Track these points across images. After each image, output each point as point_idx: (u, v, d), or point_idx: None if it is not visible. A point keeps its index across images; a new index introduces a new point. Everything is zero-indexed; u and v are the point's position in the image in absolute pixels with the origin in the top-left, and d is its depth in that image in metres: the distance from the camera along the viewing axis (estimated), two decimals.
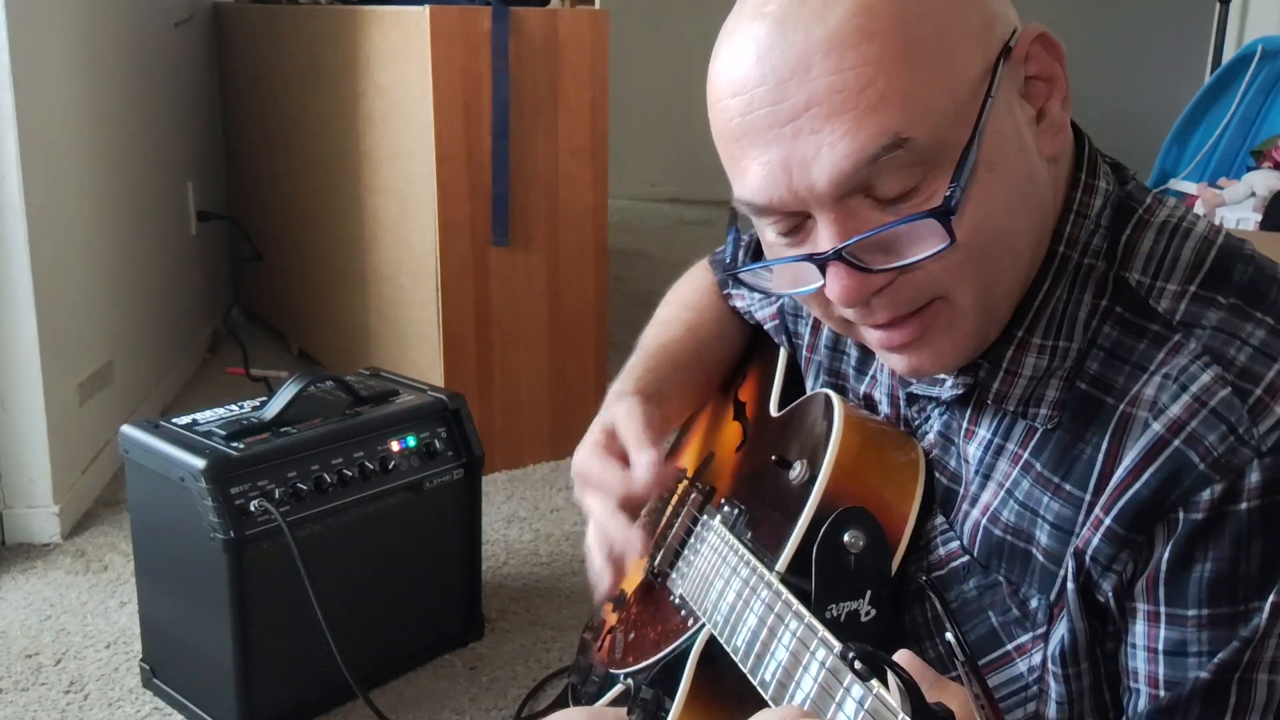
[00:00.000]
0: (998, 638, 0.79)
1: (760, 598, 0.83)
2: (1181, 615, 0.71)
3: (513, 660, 1.87)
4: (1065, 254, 0.78)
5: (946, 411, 0.86)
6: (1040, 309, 0.78)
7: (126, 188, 2.78)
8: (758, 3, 0.72)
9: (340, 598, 1.69)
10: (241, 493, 1.56)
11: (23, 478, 2.24)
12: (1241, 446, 0.68)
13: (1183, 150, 3.22)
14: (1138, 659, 0.73)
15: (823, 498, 0.82)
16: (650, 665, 0.96)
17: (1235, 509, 0.68)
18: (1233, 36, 3.53)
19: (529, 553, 2.24)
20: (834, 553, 0.80)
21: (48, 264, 2.23)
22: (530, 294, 2.60)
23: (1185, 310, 0.74)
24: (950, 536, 0.83)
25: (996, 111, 0.71)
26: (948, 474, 0.85)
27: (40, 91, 2.23)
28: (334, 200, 2.99)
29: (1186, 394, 0.70)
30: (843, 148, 0.69)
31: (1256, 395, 0.69)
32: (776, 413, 1.03)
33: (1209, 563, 0.69)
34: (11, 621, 1.96)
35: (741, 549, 0.89)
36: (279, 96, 3.29)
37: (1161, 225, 0.78)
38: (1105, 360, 0.76)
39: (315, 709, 1.70)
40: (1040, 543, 0.77)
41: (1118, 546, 0.72)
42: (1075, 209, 0.78)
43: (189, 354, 3.27)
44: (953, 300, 0.74)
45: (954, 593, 0.82)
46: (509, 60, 2.41)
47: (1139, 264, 0.77)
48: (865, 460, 0.85)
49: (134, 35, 2.91)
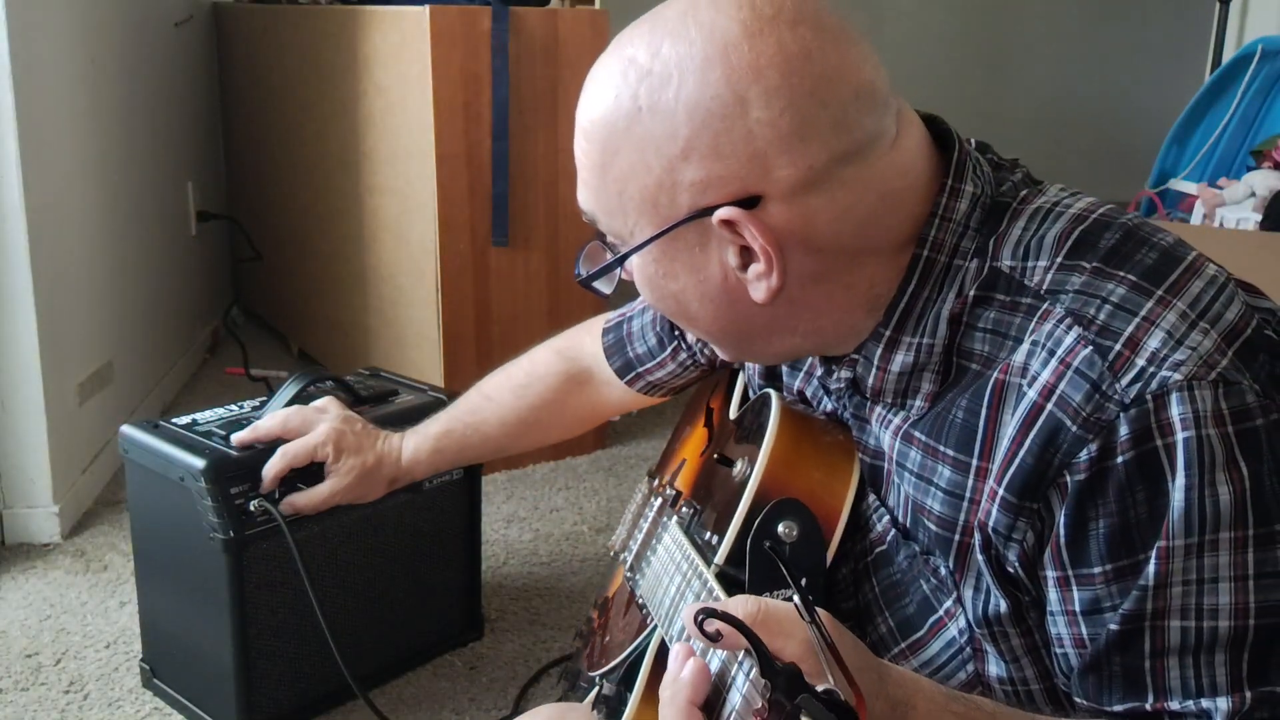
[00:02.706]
0: (930, 604, 0.83)
1: (692, 590, 0.87)
2: (1089, 574, 0.73)
3: (512, 660, 1.87)
4: (930, 257, 0.81)
5: (855, 395, 0.90)
6: (907, 309, 0.82)
7: (126, 188, 2.78)
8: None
9: (340, 598, 1.69)
10: (241, 493, 1.56)
11: (23, 478, 2.24)
12: (1106, 403, 0.71)
13: (1183, 150, 3.22)
14: (1059, 624, 0.75)
15: (757, 491, 0.86)
16: (618, 665, 0.99)
17: (1112, 464, 0.70)
18: (1233, 36, 3.53)
19: (529, 553, 2.23)
20: (769, 544, 0.83)
21: (48, 264, 2.23)
22: (530, 294, 2.60)
23: (1051, 279, 0.77)
24: (882, 512, 0.87)
25: (664, 253, 0.85)
26: (869, 452, 0.89)
27: (40, 91, 2.23)
28: (334, 200, 2.99)
29: (1054, 358, 0.74)
30: (579, 196, 0.92)
31: (1116, 350, 0.72)
32: (734, 415, 1.09)
33: (1101, 519, 0.71)
34: (11, 621, 1.96)
35: (688, 546, 0.92)
36: (279, 96, 3.29)
37: (1033, 213, 0.82)
38: (986, 338, 0.79)
39: (315, 709, 1.70)
40: (933, 511, 0.81)
41: (1014, 515, 0.74)
42: (940, 214, 0.82)
43: (189, 354, 3.27)
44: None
45: (894, 567, 0.86)
46: (509, 60, 2.41)
47: (1007, 251, 0.80)
48: (799, 454, 0.89)
49: (134, 35, 2.91)
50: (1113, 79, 5.47)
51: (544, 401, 1.42)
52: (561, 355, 1.41)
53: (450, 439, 1.45)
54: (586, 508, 2.40)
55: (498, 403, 1.44)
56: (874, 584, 0.87)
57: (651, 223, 0.84)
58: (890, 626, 0.86)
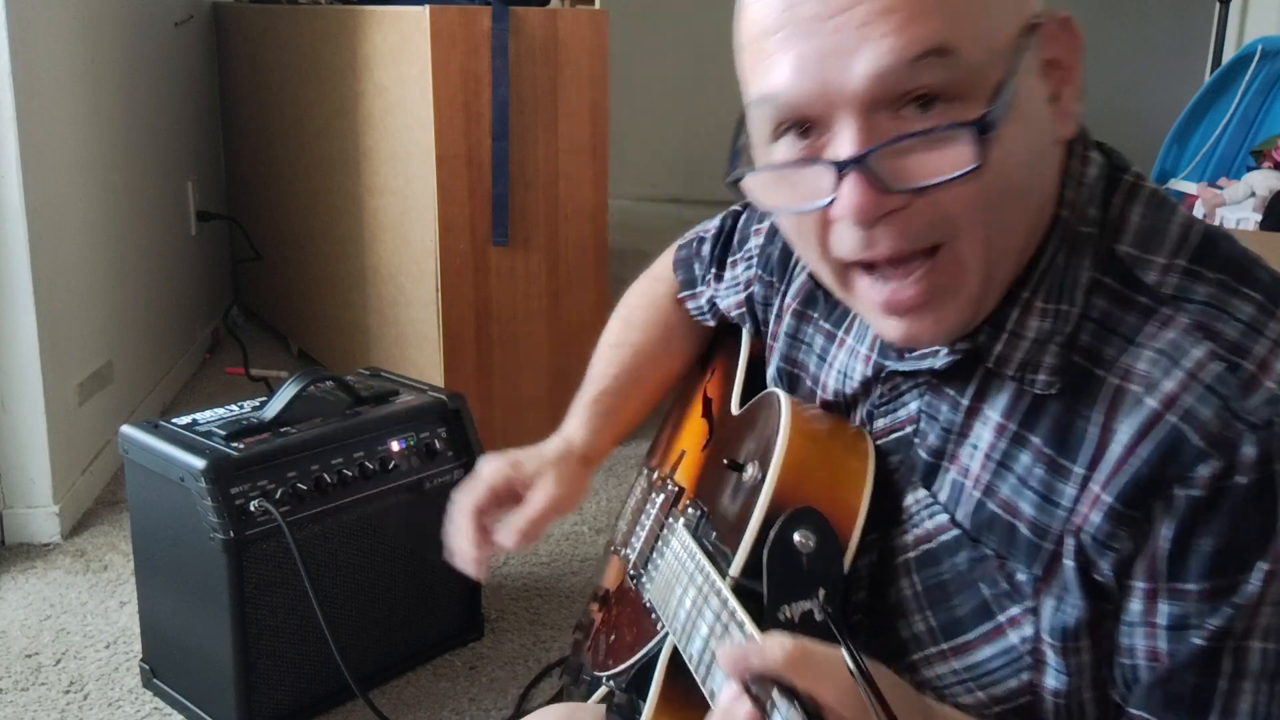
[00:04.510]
0: (989, 610, 0.79)
1: (710, 608, 0.83)
2: (1183, 590, 0.71)
3: (512, 660, 1.87)
4: (1066, 218, 0.77)
5: (925, 387, 0.85)
6: (1045, 272, 0.77)
7: (126, 188, 2.78)
8: None
9: (340, 598, 1.69)
10: (241, 493, 1.56)
11: (23, 478, 2.24)
12: (1235, 421, 0.69)
13: (1183, 150, 3.22)
14: (1136, 635, 0.73)
15: (771, 500, 0.83)
16: (627, 669, 0.98)
17: (1232, 484, 0.68)
18: (1233, 36, 3.53)
19: (529, 553, 2.24)
20: (784, 554, 0.80)
21: (48, 264, 2.23)
22: (530, 294, 2.60)
23: (1173, 283, 0.74)
24: (936, 510, 0.83)
25: (1025, 70, 0.71)
26: (927, 448, 0.84)
27: (40, 91, 2.23)
28: (334, 200, 2.99)
29: (1179, 369, 0.71)
30: (888, 44, 0.67)
31: (1248, 370, 0.70)
32: (737, 411, 1.05)
33: (1209, 537, 0.69)
34: (11, 621, 1.96)
35: (699, 554, 0.90)
36: (279, 96, 3.29)
37: (1151, 196, 0.79)
38: (1095, 331, 0.75)
39: (315, 709, 1.70)
40: (1026, 515, 0.77)
41: (1116, 523, 0.72)
42: (1072, 175, 0.78)
43: (189, 354, 3.27)
44: (958, 249, 0.72)
45: (945, 566, 0.82)
46: (509, 60, 2.41)
47: (1129, 237, 0.77)
48: (813, 460, 0.86)
49: (134, 35, 2.91)
50: (1112, 79, 5.47)
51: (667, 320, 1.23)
52: (657, 279, 1.25)
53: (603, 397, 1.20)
54: (586, 508, 2.40)
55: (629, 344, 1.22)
56: (913, 582, 0.84)
57: (1017, 29, 0.71)
58: (931, 626, 0.83)
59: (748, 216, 1.10)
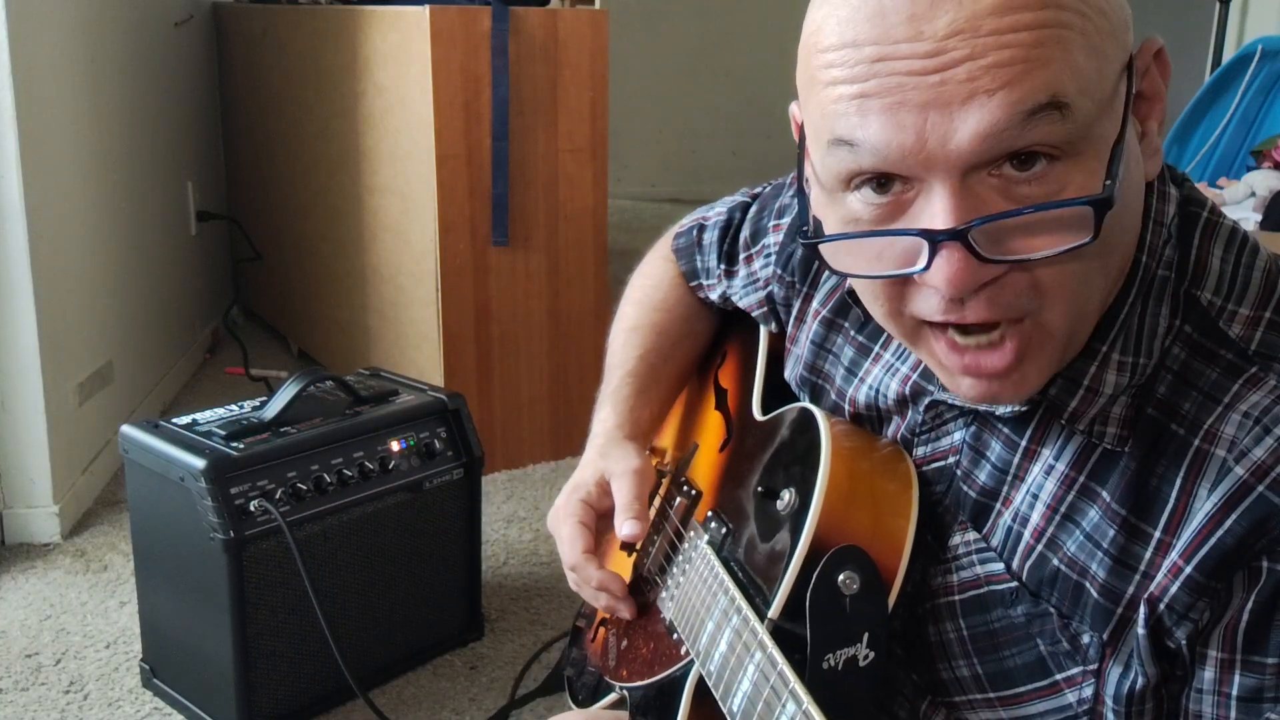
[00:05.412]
0: (1045, 667, 0.76)
1: (754, 660, 0.79)
2: (1260, 663, 0.68)
3: (513, 660, 1.87)
4: (1147, 263, 0.72)
5: (972, 417, 0.80)
6: (1125, 323, 0.72)
7: (126, 188, 2.78)
8: None
9: (340, 598, 1.69)
10: (241, 493, 1.56)
11: (23, 478, 2.24)
12: None
13: (1183, 150, 3.22)
14: (1205, 703, 0.71)
15: (814, 539, 0.78)
16: (644, 686, 0.95)
17: None
18: (1233, 36, 3.53)
19: (529, 553, 2.23)
20: (829, 597, 0.76)
21: (48, 264, 2.23)
22: (530, 294, 2.60)
23: (1260, 339, 0.70)
24: (989, 557, 0.79)
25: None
26: (976, 487, 0.80)
27: (40, 91, 2.23)
28: (334, 200, 2.99)
29: (1270, 436, 0.67)
30: (999, 98, 0.60)
31: None
32: (761, 415, 0.99)
33: None
34: (11, 621, 1.96)
35: (730, 584, 0.85)
36: (279, 96, 3.29)
37: (1230, 235, 0.74)
38: (1173, 384, 0.71)
39: (315, 709, 1.70)
40: (1097, 577, 0.73)
41: (1196, 594, 0.68)
42: (1154, 216, 0.72)
43: (189, 354, 3.27)
44: (1045, 318, 0.68)
45: (995, 615, 0.78)
46: (509, 60, 2.41)
47: (1211, 282, 0.72)
48: (856, 492, 0.81)
49: (134, 35, 2.91)
50: None
51: (686, 298, 1.18)
52: (666, 260, 1.20)
53: (630, 378, 1.13)
54: None
55: (650, 325, 1.16)
56: (959, 625, 0.80)
57: (1119, 71, 0.65)
58: (977, 673, 0.80)
59: (758, 210, 1.06)
